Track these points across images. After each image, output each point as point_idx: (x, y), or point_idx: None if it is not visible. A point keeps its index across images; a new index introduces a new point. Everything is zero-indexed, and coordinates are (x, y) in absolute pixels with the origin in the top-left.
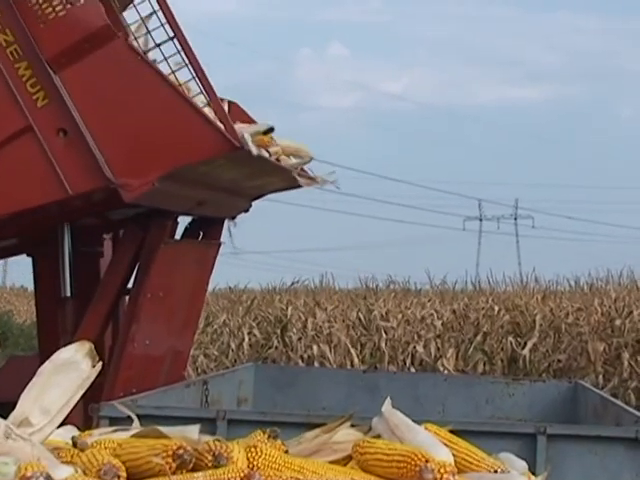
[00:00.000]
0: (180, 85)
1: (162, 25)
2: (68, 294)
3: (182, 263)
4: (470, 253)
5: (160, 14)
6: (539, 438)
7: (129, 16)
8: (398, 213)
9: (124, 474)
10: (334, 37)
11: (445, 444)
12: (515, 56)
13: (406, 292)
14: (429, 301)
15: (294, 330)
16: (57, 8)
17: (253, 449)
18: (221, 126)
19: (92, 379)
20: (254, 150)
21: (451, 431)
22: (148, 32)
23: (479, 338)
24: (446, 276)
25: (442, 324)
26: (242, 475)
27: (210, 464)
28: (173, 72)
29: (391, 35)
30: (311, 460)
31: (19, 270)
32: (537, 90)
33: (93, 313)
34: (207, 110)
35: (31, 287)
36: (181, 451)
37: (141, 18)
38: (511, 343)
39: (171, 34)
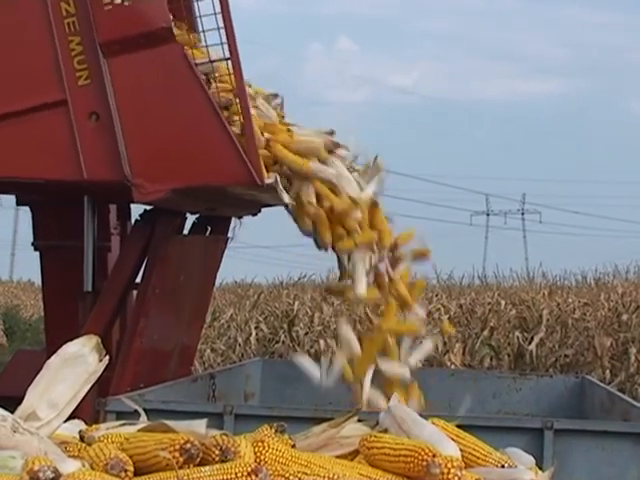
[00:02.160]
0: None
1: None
2: (90, 289)
3: (190, 258)
4: (477, 248)
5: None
6: (546, 433)
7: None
8: (405, 207)
9: (131, 468)
10: (343, 32)
11: (452, 439)
12: (524, 50)
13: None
14: (436, 296)
15: (301, 325)
16: None
17: (260, 444)
18: (247, 160)
19: (99, 373)
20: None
21: (458, 426)
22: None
23: (486, 333)
24: (453, 271)
25: (449, 319)
26: (249, 469)
27: (217, 458)
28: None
29: (400, 29)
30: (318, 455)
31: (26, 264)
32: (545, 84)
33: (101, 307)
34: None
35: (38, 281)
36: (188, 445)
37: (203, 31)
38: (518, 338)
39: (227, 54)
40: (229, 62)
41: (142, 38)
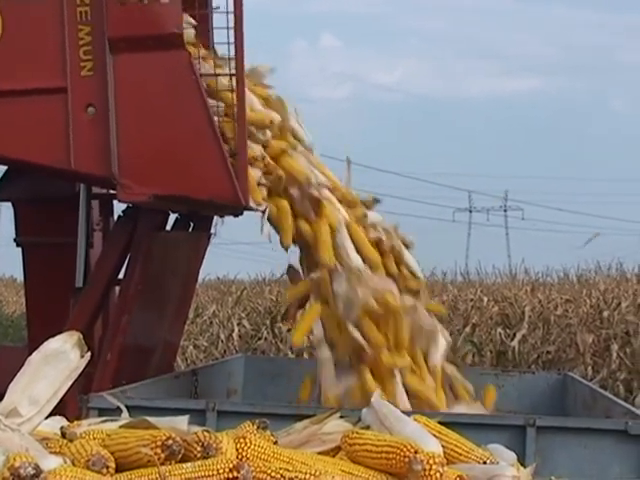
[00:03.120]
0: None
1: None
2: (81, 284)
3: (172, 254)
4: (460, 245)
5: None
6: (528, 430)
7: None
8: (387, 204)
9: (113, 465)
10: (327, 29)
11: (434, 435)
12: (507, 49)
13: None
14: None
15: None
16: None
17: (242, 440)
18: (235, 180)
19: (81, 369)
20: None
21: (441, 423)
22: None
23: (468, 329)
24: (435, 267)
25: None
26: (231, 466)
27: (199, 455)
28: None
29: (384, 27)
30: (300, 451)
31: (8, 260)
32: (529, 82)
33: (83, 304)
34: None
35: (20, 278)
36: (170, 442)
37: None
38: (500, 335)
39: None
40: (233, 78)
41: (152, 40)
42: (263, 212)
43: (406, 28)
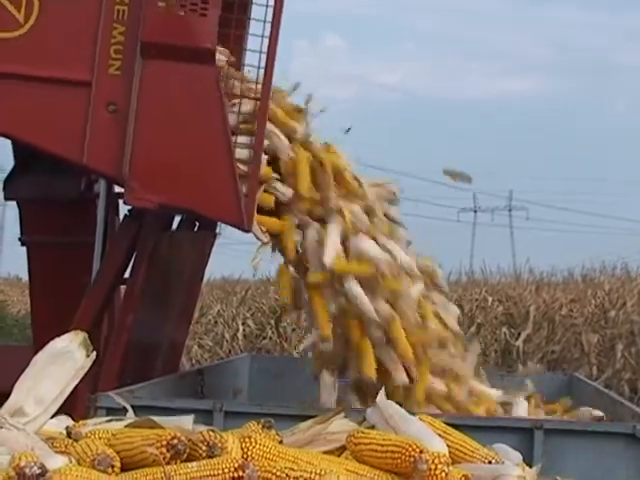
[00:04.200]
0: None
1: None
2: None
3: (178, 253)
4: (464, 245)
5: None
6: (536, 433)
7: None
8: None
9: (118, 464)
10: (330, 29)
11: (439, 435)
12: (511, 49)
13: None
14: None
15: (288, 321)
16: (180, 4)
17: (247, 439)
18: (242, 204)
19: (86, 369)
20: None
21: (447, 424)
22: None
23: (473, 329)
24: (440, 267)
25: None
26: (236, 465)
27: (204, 454)
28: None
29: (387, 27)
30: (305, 450)
31: (13, 260)
32: (533, 82)
33: (89, 303)
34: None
35: (25, 277)
36: (175, 441)
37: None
38: (505, 334)
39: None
40: (257, 102)
41: (184, 51)
42: (264, 244)
43: (408, 29)
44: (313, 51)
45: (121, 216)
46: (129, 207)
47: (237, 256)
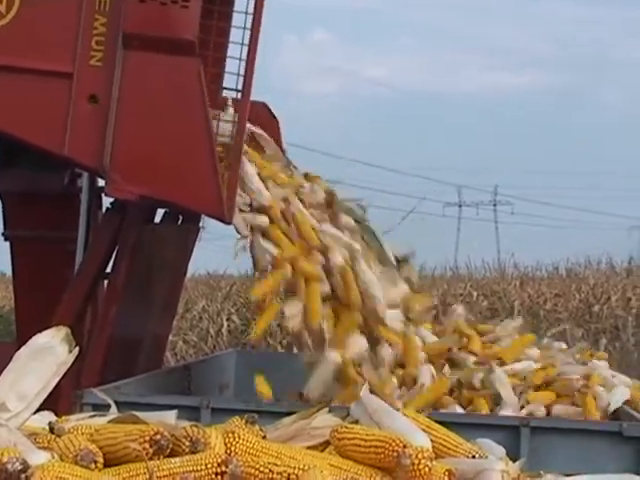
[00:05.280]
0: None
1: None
2: None
3: (161, 247)
4: (449, 239)
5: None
6: (522, 430)
7: None
8: (378, 199)
9: (101, 459)
10: (318, 23)
11: (423, 430)
12: (499, 43)
13: None
14: None
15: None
16: None
17: (231, 435)
18: (224, 196)
19: (69, 364)
20: (243, 232)
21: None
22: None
23: None
24: (425, 262)
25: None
26: (219, 461)
27: (187, 450)
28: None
29: (376, 21)
30: (289, 446)
31: None
32: (519, 78)
33: (71, 297)
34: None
35: (9, 272)
36: (158, 437)
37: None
38: None
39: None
40: (238, 94)
41: (166, 42)
42: (244, 237)
43: (397, 22)
44: (302, 45)
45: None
46: (111, 200)
47: (222, 251)
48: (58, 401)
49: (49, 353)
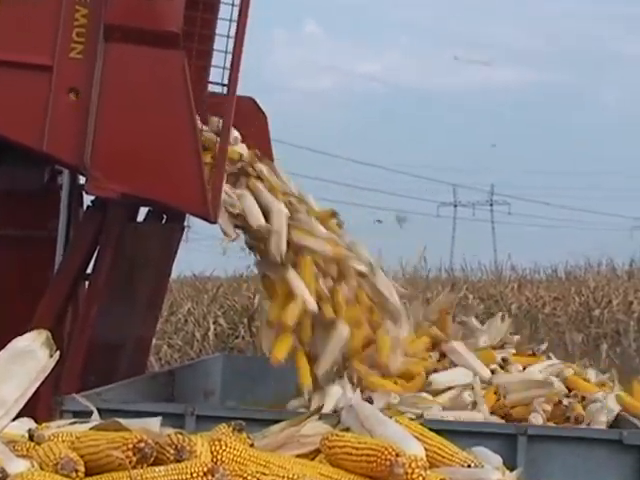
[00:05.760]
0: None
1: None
2: None
3: (144, 246)
4: (444, 241)
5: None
6: (520, 439)
7: None
8: (369, 198)
9: (82, 468)
10: (309, 17)
11: (416, 437)
12: (494, 40)
13: None
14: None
15: (261, 319)
16: None
17: (217, 442)
18: (209, 194)
19: (49, 369)
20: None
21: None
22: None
23: None
24: (419, 264)
25: None
26: (205, 469)
27: (172, 458)
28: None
29: (369, 16)
30: (277, 454)
31: None
32: (516, 74)
33: (50, 299)
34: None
35: None
36: (142, 444)
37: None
38: None
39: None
40: (224, 89)
41: (149, 34)
42: (230, 239)
43: (391, 18)
44: (294, 39)
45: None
46: (92, 197)
47: (208, 252)
48: (36, 407)
49: (29, 357)
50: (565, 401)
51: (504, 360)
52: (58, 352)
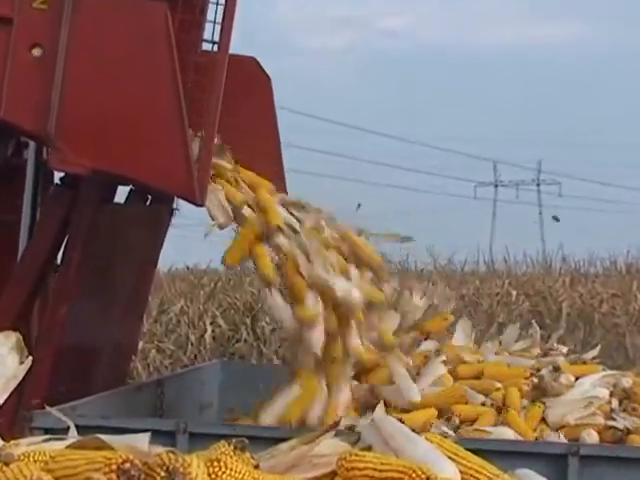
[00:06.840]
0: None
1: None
2: None
3: (124, 232)
4: (483, 227)
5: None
6: (570, 460)
7: None
8: (395, 177)
9: None
10: None
11: (450, 458)
12: None
13: (404, 274)
14: (432, 285)
15: (267, 319)
16: None
17: (216, 463)
18: (195, 173)
19: (20, 378)
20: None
21: (466, 449)
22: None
23: (493, 330)
24: (453, 254)
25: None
26: None
27: None
28: None
29: None
30: (287, 477)
31: None
32: (566, 29)
33: (12, 293)
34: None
35: None
36: (127, 465)
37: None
38: None
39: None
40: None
41: None
42: (219, 226)
43: None
44: None
45: None
46: (62, 174)
47: (204, 241)
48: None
49: None
50: (621, 417)
51: (555, 369)
52: (30, 358)
